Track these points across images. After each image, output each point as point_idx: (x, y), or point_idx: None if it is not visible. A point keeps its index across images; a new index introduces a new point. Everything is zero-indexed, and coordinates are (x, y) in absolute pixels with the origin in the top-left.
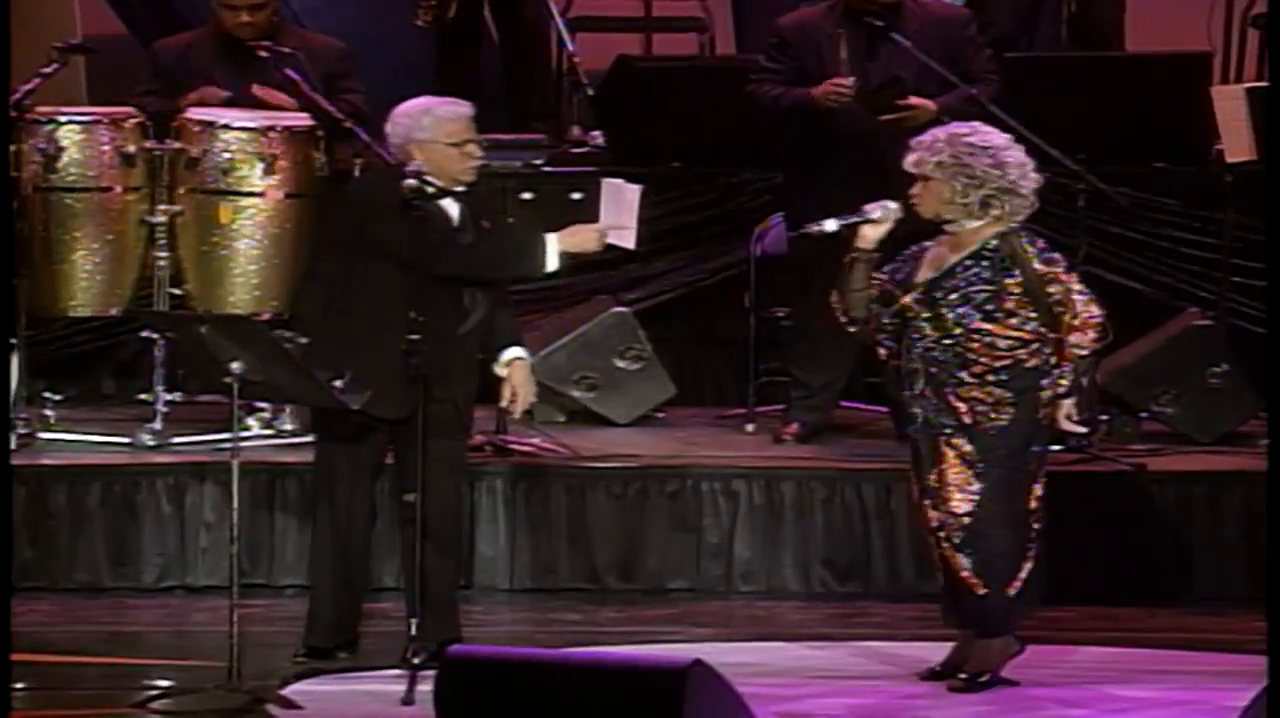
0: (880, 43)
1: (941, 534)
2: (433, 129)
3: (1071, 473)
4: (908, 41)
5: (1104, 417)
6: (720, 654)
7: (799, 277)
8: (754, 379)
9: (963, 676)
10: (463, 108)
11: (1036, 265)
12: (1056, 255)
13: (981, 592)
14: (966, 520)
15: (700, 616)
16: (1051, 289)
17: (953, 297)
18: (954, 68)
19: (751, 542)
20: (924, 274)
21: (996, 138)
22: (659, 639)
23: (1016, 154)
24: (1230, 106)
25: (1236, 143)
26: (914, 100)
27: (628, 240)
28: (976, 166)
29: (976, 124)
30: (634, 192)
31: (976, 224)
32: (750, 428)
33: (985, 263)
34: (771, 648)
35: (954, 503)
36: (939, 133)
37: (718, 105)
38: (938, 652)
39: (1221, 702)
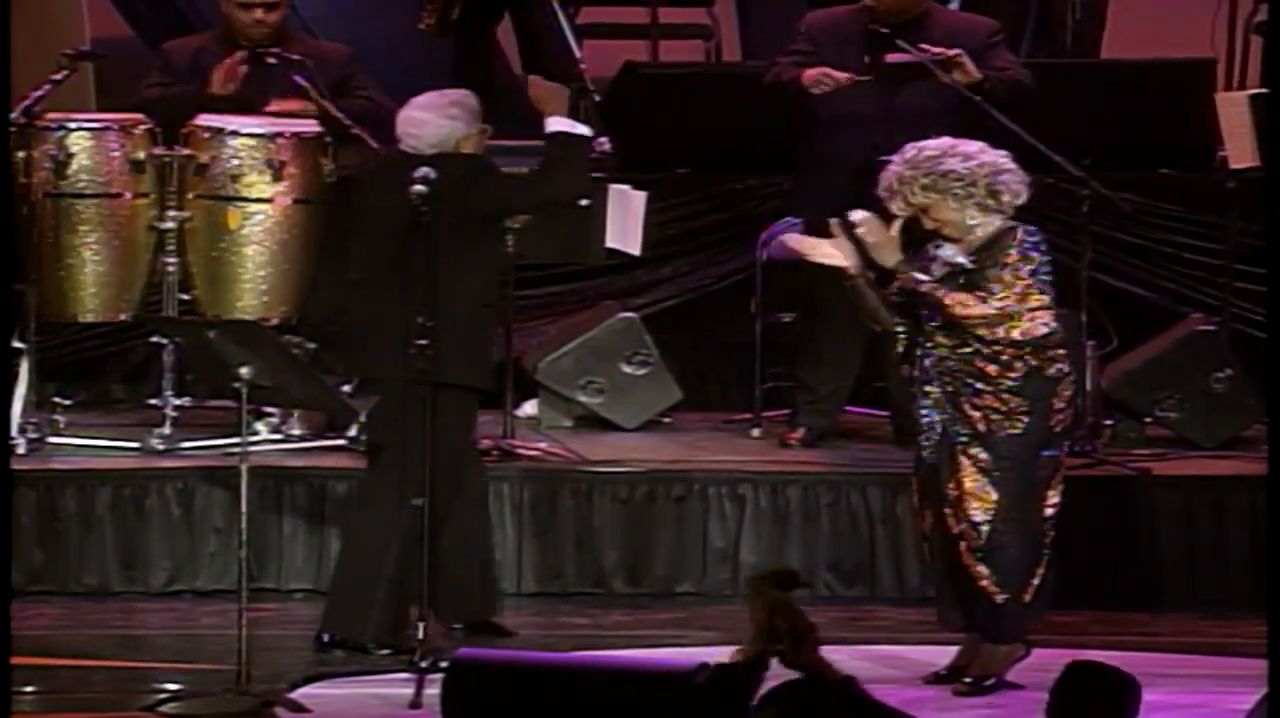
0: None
1: (963, 544)
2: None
3: (1076, 477)
4: (913, 50)
5: (1108, 422)
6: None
7: (805, 282)
8: (760, 384)
9: (968, 679)
10: None
11: (1012, 254)
12: (1035, 254)
13: (1000, 599)
14: (985, 529)
15: (707, 619)
16: (996, 273)
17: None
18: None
19: (758, 546)
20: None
21: (944, 140)
22: (666, 643)
23: (967, 144)
24: (1234, 113)
25: (1240, 149)
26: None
27: (634, 246)
28: (956, 169)
29: (918, 144)
30: (640, 198)
31: (993, 220)
32: (756, 433)
33: (976, 259)
34: None
35: (972, 512)
36: (895, 168)
37: (724, 111)
38: (943, 655)
39: (1225, 705)
